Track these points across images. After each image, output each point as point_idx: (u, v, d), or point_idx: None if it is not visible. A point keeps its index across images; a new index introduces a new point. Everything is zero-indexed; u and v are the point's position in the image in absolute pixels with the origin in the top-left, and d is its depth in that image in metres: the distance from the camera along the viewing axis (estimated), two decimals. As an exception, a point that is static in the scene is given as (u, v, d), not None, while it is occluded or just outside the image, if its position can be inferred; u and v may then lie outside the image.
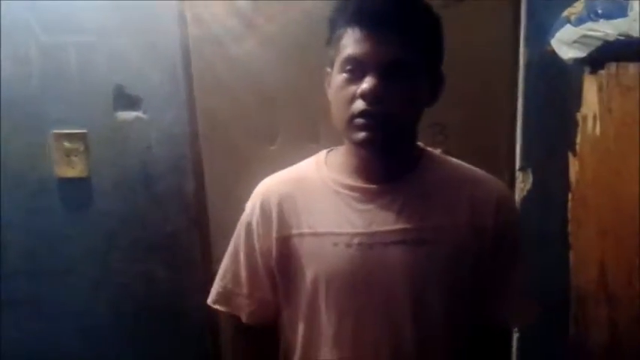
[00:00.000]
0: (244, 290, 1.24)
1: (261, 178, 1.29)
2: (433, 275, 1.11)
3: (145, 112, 1.78)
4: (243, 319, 1.25)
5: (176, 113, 1.80)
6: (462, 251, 1.12)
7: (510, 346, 1.26)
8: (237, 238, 1.26)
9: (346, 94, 1.06)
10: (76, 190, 1.78)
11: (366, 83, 1.02)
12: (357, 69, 1.05)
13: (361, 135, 1.06)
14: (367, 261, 1.11)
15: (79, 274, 1.80)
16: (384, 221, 1.12)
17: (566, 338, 1.87)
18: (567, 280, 1.86)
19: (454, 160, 1.24)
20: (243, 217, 1.26)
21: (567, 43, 1.70)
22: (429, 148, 1.23)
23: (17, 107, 1.70)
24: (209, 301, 1.29)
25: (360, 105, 1.04)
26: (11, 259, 1.74)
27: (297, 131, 1.86)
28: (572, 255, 1.86)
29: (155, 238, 1.83)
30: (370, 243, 1.11)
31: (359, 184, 1.15)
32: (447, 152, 1.78)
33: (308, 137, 1.83)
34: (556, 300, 1.88)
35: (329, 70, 1.14)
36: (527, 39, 1.83)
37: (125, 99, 1.77)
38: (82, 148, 1.75)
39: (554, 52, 1.74)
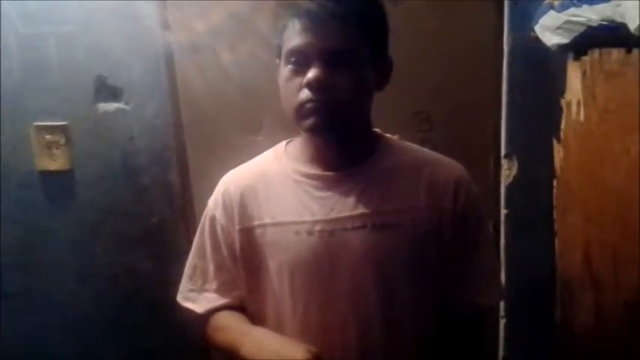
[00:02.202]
0: (213, 286, 1.25)
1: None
2: (396, 258, 1.13)
3: (127, 104, 1.76)
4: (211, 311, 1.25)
5: (159, 104, 1.79)
6: (423, 234, 1.14)
7: (484, 330, 1.26)
8: (202, 234, 1.28)
9: (293, 85, 1.08)
10: (59, 182, 1.76)
11: (311, 73, 1.05)
12: (301, 60, 1.07)
13: (309, 121, 1.08)
14: (329, 248, 1.13)
15: (64, 267, 1.78)
16: (344, 207, 1.13)
17: (552, 323, 1.88)
18: (553, 266, 1.87)
19: (411, 144, 1.26)
20: (207, 212, 1.27)
21: (551, 29, 1.70)
22: (386, 135, 1.25)
23: (-2, 99, 1.68)
24: (179, 298, 1.29)
25: (306, 94, 1.06)
26: (-6, 252, 1.72)
27: (281, 121, 1.80)
28: (557, 241, 1.87)
29: (140, 229, 1.82)
30: (331, 230, 1.13)
31: (317, 171, 1.17)
32: (431, 140, 1.81)
33: (292, 127, 1.78)
34: (542, 285, 1.90)
35: (278, 61, 1.15)
36: (510, 25, 1.83)
37: (107, 90, 1.75)
38: (63, 141, 1.72)
39: (537, 39, 1.74)
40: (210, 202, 1.27)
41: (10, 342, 1.75)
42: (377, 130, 1.23)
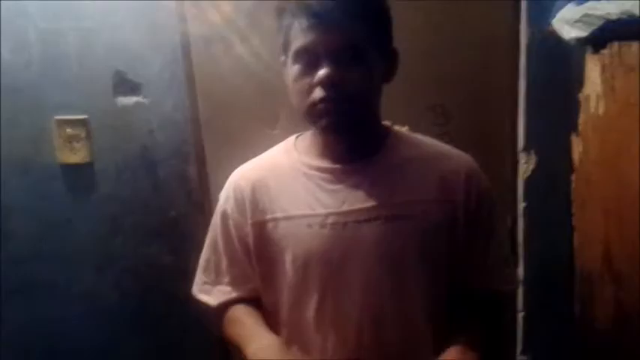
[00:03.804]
0: (226, 279, 1.26)
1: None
2: (408, 250, 1.14)
3: (145, 97, 1.78)
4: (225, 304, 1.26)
5: (177, 98, 1.81)
6: (434, 225, 1.15)
7: (501, 316, 1.28)
8: (215, 228, 1.28)
9: (303, 84, 1.08)
10: (79, 175, 1.77)
11: (322, 72, 1.05)
12: (310, 59, 1.07)
13: (323, 121, 1.09)
14: (342, 240, 1.13)
15: (84, 259, 1.80)
16: (356, 200, 1.14)
17: (570, 317, 1.87)
18: (571, 260, 1.86)
19: (421, 136, 1.26)
20: (218, 207, 1.28)
21: (569, 22, 1.68)
22: (396, 127, 1.25)
23: (18, 94, 1.69)
24: (194, 290, 1.31)
25: (318, 93, 1.06)
26: (17, 245, 1.74)
27: (297, 115, 1.85)
28: (576, 235, 1.85)
29: (159, 222, 1.84)
30: (344, 222, 1.13)
31: (328, 165, 1.17)
32: (447, 134, 1.80)
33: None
34: (560, 279, 1.89)
35: (283, 58, 1.16)
36: (528, 19, 1.82)
37: (125, 84, 1.77)
38: (83, 134, 1.74)
39: (555, 32, 1.73)
40: (222, 196, 1.28)
41: (30, 332, 1.77)
42: (387, 122, 1.24)
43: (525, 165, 1.89)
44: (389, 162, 1.17)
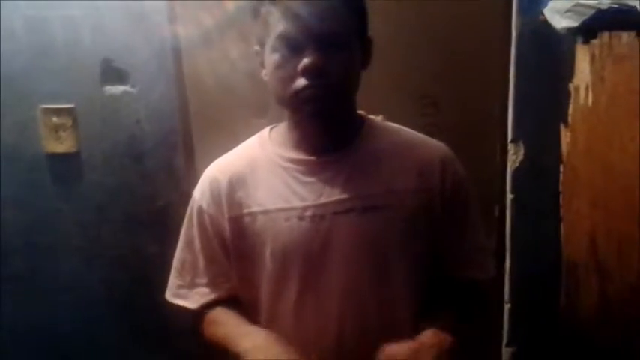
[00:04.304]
0: (205, 280, 1.23)
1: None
2: (387, 240, 1.14)
3: (133, 86, 1.77)
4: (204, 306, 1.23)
5: (165, 87, 1.79)
6: (413, 214, 1.14)
7: (477, 302, 1.28)
8: (189, 226, 1.25)
9: (285, 72, 1.06)
10: (66, 165, 1.77)
11: (307, 59, 1.03)
12: (292, 46, 1.05)
13: (308, 108, 1.08)
14: (321, 232, 1.12)
15: (71, 249, 1.80)
16: (333, 191, 1.13)
17: (557, 308, 1.88)
18: (558, 251, 1.87)
19: (396, 126, 1.25)
20: (193, 203, 1.25)
21: (560, 12, 1.68)
22: (370, 116, 1.24)
23: (4, 83, 1.68)
24: (168, 295, 1.27)
25: (302, 81, 1.04)
26: (3, 234, 1.74)
27: (277, 104, 1.84)
28: (563, 226, 1.86)
29: (146, 212, 1.83)
30: (322, 214, 1.12)
31: (303, 157, 1.16)
32: (436, 125, 1.80)
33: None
34: (547, 271, 1.90)
35: (257, 49, 1.14)
36: (519, 8, 1.81)
37: (113, 73, 1.75)
38: (70, 124, 1.73)
39: (546, 22, 1.73)
40: (196, 193, 1.25)
41: (17, 323, 1.77)
42: (361, 112, 1.23)
43: (514, 156, 1.89)
44: (364, 152, 1.16)
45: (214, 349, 1.18)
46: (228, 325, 1.19)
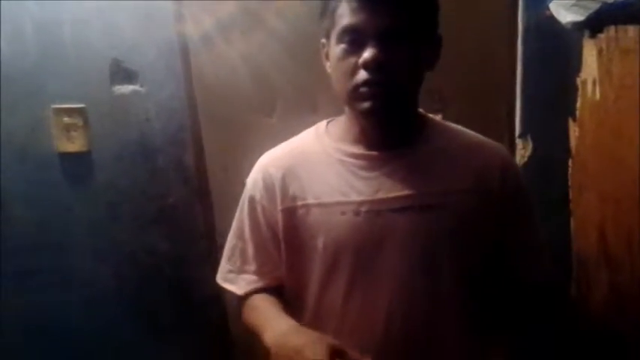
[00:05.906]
0: (253, 267, 1.24)
1: (260, 150, 1.29)
2: (442, 240, 1.13)
3: (142, 86, 1.78)
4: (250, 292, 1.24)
5: (173, 86, 1.81)
6: (469, 216, 1.13)
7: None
8: (241, 215, 1.26)
9: (347, 64, 1.06)
10: (77, 164, 1.78)
11: (367, 52, 1.03)
12: (355, 39, 1.05)
13: (366, 104, 1.07)
14: (376, 228, 1.12)
15: (83, 246, 1.81)
16: (390, 188, 1.12)
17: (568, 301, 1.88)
18: (568, 245, 1.86)
19: (456, 126, 1.25)
20: (246, 192, 1.26)
21: (566, 6, 1.68)
22: (430, 115, 1.24)
23: (15, 84, 1.69)
24: (218, 278, 1.29)
25: (363, 75, 1.04)
26: (15, 233, 1.75)
27: (295, 102, 1.86)
28: (573, 220, 1.86)
29: (157, 209, 1.85)
30: (377, 210, 1.12)
31: (363, 151, 1.16)
32: (444, 119, 1.80)
33: (306, 108, 1.83)
34: (557, 264, 1.89)
35: (324, 41, 1.14)
36: (525, 3, 1.81)
37: (122, 73, 1.76)
38: (81, 123, 1.75)
39: (552, 16, 1.73)
40: (249, 182, 1.25)
41: (28, 320, 1.78)
42: (421, 110, 1.22)
43: (522, 151, 1.89)
44: (424, 151, 1.16)
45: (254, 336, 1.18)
46: (260, 313, 1.19)
